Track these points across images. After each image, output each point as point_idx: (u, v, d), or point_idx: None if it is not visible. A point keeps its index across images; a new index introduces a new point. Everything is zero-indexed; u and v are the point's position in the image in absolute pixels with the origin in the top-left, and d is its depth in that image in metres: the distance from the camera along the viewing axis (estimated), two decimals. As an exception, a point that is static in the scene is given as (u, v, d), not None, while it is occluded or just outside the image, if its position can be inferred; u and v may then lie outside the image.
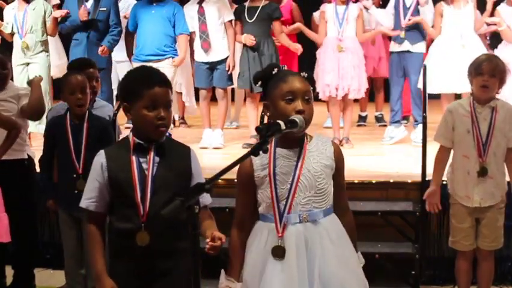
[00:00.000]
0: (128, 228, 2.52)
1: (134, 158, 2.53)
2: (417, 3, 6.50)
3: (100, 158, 2.59)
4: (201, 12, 6.52)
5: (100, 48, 6.32)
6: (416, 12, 6.52)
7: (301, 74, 2.54)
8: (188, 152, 2.63)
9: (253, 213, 2.60)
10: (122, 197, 2.54)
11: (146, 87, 2.49)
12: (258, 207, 2.58)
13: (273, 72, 2.53)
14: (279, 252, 2.48)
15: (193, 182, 2.55)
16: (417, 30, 6.53)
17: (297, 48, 6.53)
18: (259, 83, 2.57)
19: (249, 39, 6.27)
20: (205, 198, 2.60)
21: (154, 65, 6.13)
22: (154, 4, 6.38)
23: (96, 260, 2.58)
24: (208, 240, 2.37)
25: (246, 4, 6.43)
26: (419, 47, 6.54)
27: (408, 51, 6.55)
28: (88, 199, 2.60)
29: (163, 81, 2.55)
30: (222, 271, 2.59)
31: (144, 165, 2.53)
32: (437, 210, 4.06)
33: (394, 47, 6.65)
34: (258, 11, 6.33)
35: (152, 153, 2.53)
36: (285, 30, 6.80)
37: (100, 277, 2.56)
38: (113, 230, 2.58)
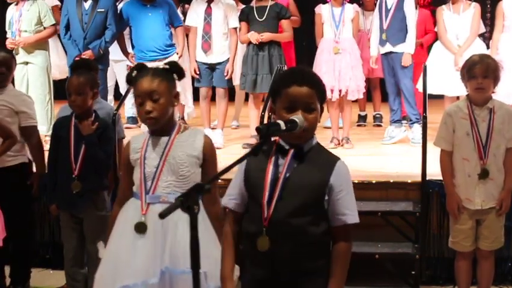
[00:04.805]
0: (252, 231, 2.42)
1: (273, 159, 2.41)
2: (398, 5, 6.48)
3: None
4: (208, 13, 6.51)
5: (86, 52, 6.25)
6: (398, 12, 6.48)
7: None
8: (333, 164, 2.40)
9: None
10: (253, 196, 2.45)
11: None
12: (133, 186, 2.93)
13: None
14: (141, 228, 2.84)
15: (332, 198, 2.38)
16: (398, 31, 6.49)
17: None
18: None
19: (254, 37, 6.24)
20: None
21: (160, 63, 6.18)
22: (148, 6, 6.36)
23: (223, 263, 2.50)
24: None
25: (253, 4, 6.42)
26: (402, 47, 6.49)
27: (391, 52, 6.54)
28: (228, 195, 2.52)
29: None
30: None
31: (281, 168, 2.40)
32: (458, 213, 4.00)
33: (380, 49, 6.66)
34: (267, 10, 6.34)
35: (289, 157, 2.40)
36: None
37: (224, 281, 2.47)
38: (243, 231, 2.49)
